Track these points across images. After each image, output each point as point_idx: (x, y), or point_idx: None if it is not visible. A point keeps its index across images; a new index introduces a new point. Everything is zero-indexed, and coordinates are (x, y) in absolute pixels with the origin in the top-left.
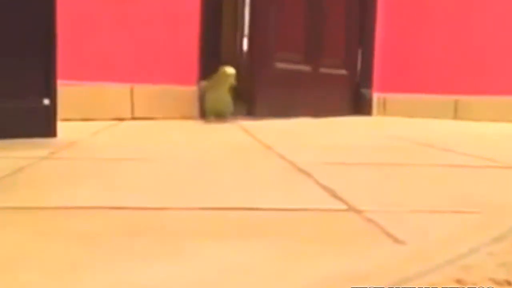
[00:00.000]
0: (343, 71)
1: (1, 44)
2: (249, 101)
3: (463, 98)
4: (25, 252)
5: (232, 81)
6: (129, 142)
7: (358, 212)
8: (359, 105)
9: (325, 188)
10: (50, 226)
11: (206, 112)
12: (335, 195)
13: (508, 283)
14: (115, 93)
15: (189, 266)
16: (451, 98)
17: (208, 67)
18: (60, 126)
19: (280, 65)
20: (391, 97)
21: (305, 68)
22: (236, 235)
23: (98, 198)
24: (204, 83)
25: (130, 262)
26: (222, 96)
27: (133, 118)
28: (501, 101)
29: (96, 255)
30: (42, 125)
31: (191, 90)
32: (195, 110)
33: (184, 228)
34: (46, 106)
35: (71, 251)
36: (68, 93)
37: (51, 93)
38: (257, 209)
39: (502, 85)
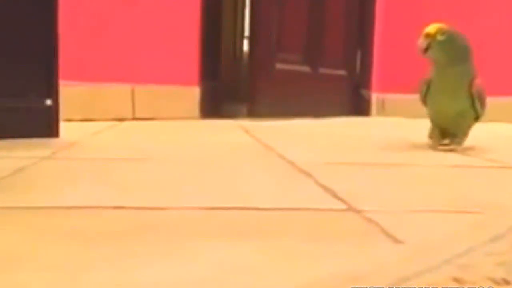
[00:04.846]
0: (342, 72)
1: (4, 44)
2: (249, 101)
3: None
4: (25, 252)
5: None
6: (130, 142)
7: (358, 212)
8: (358, 105)
9: (325, 188)
10: (50, 225)
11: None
12: (335, 195)
13: (507, 282)
14: (116, 93)
15: (189, 266)
16: None
17: (208, 67)
18: (62, 126)
19: (280, 66)
20: (390, 97)
21: (305, 68)
22: (236, 235)
23: (99, 197)
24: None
25: (130, 262)
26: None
27: (134, 119)
28: (498, 102)
29: (97, 255)
30: (44, 125)
31: (192, 91)
32: (196, 111)
33: (184, 228)
34: (48, 107)
35: (71, 250)
36: (70, 93)
37: (53, 94)
38: (257, 209)
39: (499, 86)
